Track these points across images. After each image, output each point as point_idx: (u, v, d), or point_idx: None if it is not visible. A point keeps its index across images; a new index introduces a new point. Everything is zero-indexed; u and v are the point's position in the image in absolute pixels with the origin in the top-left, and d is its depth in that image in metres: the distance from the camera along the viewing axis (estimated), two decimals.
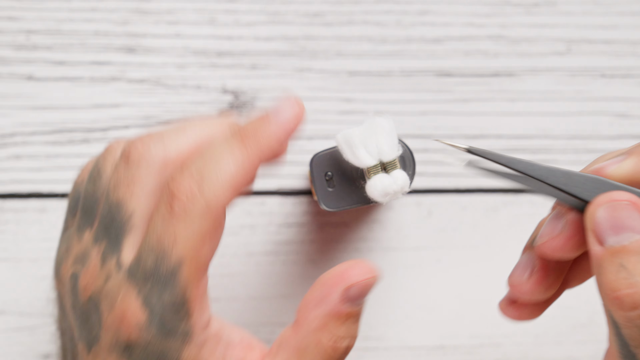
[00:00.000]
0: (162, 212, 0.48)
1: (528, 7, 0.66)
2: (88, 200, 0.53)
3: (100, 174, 0.53)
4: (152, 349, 0.49)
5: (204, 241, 0.48)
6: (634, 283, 0.43)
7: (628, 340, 0.44)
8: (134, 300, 0.49)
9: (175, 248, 0.48)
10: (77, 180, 0.56)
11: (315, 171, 0.52)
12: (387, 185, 0.49)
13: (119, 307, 0.49)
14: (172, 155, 0.50)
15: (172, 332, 0.49)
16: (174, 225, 0.48)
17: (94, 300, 0.50)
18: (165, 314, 0.48)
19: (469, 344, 0.64)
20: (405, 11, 0.66)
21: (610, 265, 0.43)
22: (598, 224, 0.44)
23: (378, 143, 0.49)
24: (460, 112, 0.66)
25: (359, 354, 0.64)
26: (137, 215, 0.50)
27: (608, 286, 0.43)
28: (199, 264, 0.48)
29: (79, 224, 0.53)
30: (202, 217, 0.47)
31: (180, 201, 0.48)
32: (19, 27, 0.65)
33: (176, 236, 0.48)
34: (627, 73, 0.66)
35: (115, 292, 0.49)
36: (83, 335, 0.51)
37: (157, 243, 0.48)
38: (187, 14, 0.66)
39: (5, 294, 0.64)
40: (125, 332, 0.49)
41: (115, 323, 0.49)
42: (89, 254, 0.52)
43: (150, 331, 0.49)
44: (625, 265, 0.43)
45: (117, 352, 0.50)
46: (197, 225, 0.48)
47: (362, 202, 0.52)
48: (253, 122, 0.49)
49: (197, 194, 0.48)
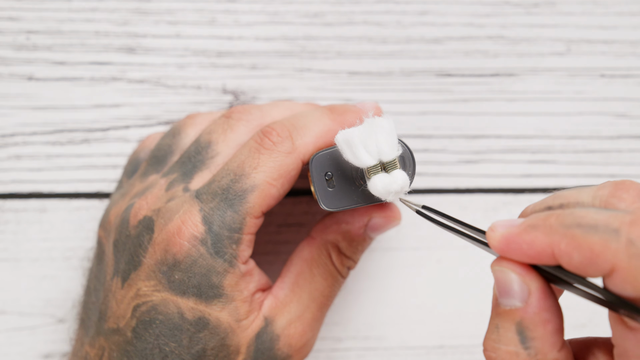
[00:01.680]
0: (250, 145, 0.54)
1: (528, 7, 0.66)
2: (161, 151, 0.58)
3: (179, 132, 0.59)
4: (197, 267, 0.52)
5: (280, 178, 0.53)
6: (497, 349, 0.44)
7: None
8: (195, 214, 0.52)
9: (254, 172, 0.53)
10: (136, 149, 0.63)
11: (314, 171, 0.52)
12: (387, 185, 0.49)
13: (177, 220, 0.52)
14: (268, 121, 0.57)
15: (221, 253, 0.52)
16: (259, 156, 0.53)
17: (147, 221, 0.53)
18: (222, 233, 0.52)
19: (469, 344, 0.64)
20: (405, 11, 0.66)
21: (491, 322, 0.45)
22: (495, 282, 0.45)
23: (378, 143, 0.49)
24: (460, 112, 0.66)
25: (359, 353, 0.64)
26: (221, 157, 0.55)
27: (484, 340, 0.45)
28: (267, 197, 0.53)
29: (143, 172, 0.58)
30: (286, 155, 0.53)
31: (270, 139, 0.53)
32: (20, 28, 0.65)
33: (259, 163, 0.53)
34: (627, 73, 0.66)
35: (176, 208, 0.53)
36: (120, 268, 0.54)
37: (238, 166, 0.53)
38: (187, 14, 0.66)
39: (5, 294, 0.64)
40: (176, 246, 0.52)
41: (169, 237, 0.52)
42: (153, 185, 0.56)
43: (202, 247, 0.52)
44: (499, 328, 0.44)
45: (159, 273, 0.53)
46: (280, 161, 0.53)
47: (362, 202, 0.52)
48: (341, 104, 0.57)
49: (286, 136, 0.54)
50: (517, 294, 0.44)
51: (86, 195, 0.65)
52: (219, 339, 0.53)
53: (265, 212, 0.54)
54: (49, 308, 0.63)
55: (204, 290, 0.52)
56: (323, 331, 0.64)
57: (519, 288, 0.44)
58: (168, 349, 0.52)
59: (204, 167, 0.55)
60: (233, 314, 0.53)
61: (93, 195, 0.65)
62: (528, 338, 0.44)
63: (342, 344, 0.64)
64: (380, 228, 0.56)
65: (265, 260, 0.64)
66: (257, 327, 0.54)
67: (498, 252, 0.45)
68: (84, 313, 0.57)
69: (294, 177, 0.54)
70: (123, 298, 0.54)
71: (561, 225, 0.43)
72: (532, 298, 0.44)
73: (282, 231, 0.65)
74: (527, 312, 0.44)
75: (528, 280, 0.44)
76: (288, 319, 0.54)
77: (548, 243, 0.43)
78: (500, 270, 0.45)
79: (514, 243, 0.44)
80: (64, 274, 0.64)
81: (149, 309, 0.53)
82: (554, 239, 0.43)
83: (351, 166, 0.52)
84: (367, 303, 0.64)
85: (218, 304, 0.53)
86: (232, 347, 0.53)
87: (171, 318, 0.52)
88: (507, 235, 0.44)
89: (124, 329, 0.53)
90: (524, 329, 0.44)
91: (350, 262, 0.56)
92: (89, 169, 0.65)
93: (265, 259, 0.64)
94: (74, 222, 0.64)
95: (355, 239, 0.55)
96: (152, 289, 0.53)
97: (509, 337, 0.44)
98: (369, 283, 0.65)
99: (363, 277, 0.64)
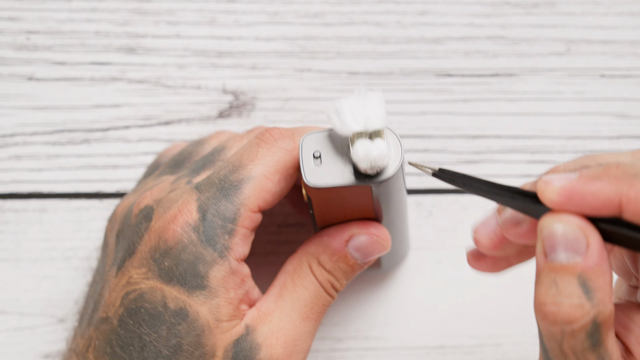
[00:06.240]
0: (251, 141, 0.54)
1: (528, 7, 0.66)
2: (181, 156, 0.59)
3: (203, 142, 0.60)
4: (186, 254, 0.52)
5: (278, 173, 0.53)
6: (560, 302, 0.44)
7: (548, 348, 0.46)
8: (192, 203, 0.52)
9: (252, 164, 0.53)
10: (160, 152, 0.63)
11: (304, 149, 0.51)
12: (368, 150, 0.49)
13: (174, 209, 0.52)
14: None
15: (212, 242, 0.52)
16: (258, 149, 0.53)
17: (147, 210, 0.54)
18: (215, 221, 0.52)
19: (469, 344, 0.64)
20: (405, 11, 0.66)
21: (545, 278, 0.45)
22: (548, 237, 0.45)
23: (366, 112, 0.50)
24: (460, 112, 0.66)
25: (359, 353, 0.64)
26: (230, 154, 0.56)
27: (538, 298, 0.45)
28: (263, 190, 0.53)
29: (159, 173, 0.59)
30: (286, 152, 0.53)
31: (271, 134, 0.54)
32: (20, 28, 0.65)
33: (257, 156, 0.53)
34: (627, 73, 0.66)
35: (176, 198, 0.53)
36: (118, 257, 0.54)
37: (237, 159, 0.53)
38: (187, 14, 0.66)
39: (5, 294, 0.64)
40: (169, 232, 0.52)
41: (164, 224, 0.52)
42: (163, 181, 0.56)
43: (194, 234, 0.52)
44: (557, 283, 0.44)
45: (150, 261, 0.53)
46: (278, 156, 0.53)
47: (347, 182, 0.51)
48: None
49: (289, 135, 0.54)
50: (578, 246, 0.44)
51: (86, 195, 0.65)
52: (194, 335, 0.51)
53: (263, 208, 0.53)
54: (49, 308, 0.63)
55: (189, 279, 0.52)
56: (323, 331, 0.64)
57: (579, 241, 0.44)
58: (148, 339, 0.52)
59: (212, 165, 0.56)
60: (213, 311, 0.52)
61: (93, 195, 0.65)
62: (591, 289, 0.44)
63: (342, 344, 0.64)
64: (363, 249, 0.55)
65: (265, 260, 0.64)
66: (237, 334, 0.52)
67: (556, 205, 0.45)
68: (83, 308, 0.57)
69: (292, 176, 0.54)
70: (115, 286, 0.53)
71: (626, 174, 0.44)
72: (591, 250, 0.44)
73: (282, 231, 0.65)
74: (588, 264, 0.44)
75: (588, 232, 0.44)
76: (270, 328, 0.53)
77: (615, 192, 0.44)
78: (559, 224, 0.44)
79: (576, 194, 0.44)
80: (64, 274, 0.64)
81: (137, 297, 0.52)
82: (621, 188, 0.44)
83: (341, 148, 0.52)
84: (367, 303, 0.64)
85: (200, 297, 0.52)
86: (207, 347, 0.52)
87: (156, 306, 0.52)
88: (568, 187, 0.45)
89: (112, 318, 0.53)
90: (586, 280, 0.44)
91: (331, 278, 0.54)
92: (89, 169, 0.65)
93: (266, 259, 0.64)
94: (74, 222, 0.64)
95: (335, 254, 0.54)
96: (143, 277, 0.52)
97: (571, 290, 0.44)
98: (369, 283, 0.65)
99: (363, 277, 0.64)
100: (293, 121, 0.65)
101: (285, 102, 0.65)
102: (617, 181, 0.44)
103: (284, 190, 0.54)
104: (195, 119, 0.65)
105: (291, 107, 0.66)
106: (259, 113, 0.65)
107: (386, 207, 0.54)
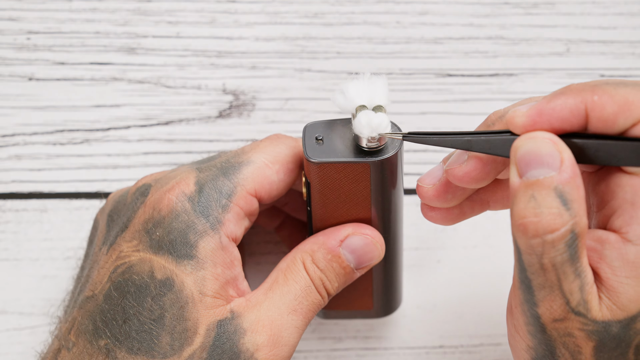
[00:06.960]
0: (257, 141, 0.56)
1: (527, 7, 0.66)
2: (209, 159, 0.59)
3: None
4: (178, 222, 0.53)
5: (277, 163, 0.55)
6: (540, 213, 0.45)
7: (526, 266, 0.47)
8: (190, 177, 0.54)
9: (253, 151, 0.55)
10: None
11: (307, 133, 0.53)
12: (370, 119, 0.52)
13: (172, 183, 0.53)
14: None
15: (205, 213, 0.53)
16: (261, 141, 0.56)
17: (144, 187, 0.55)
18: (211, 194, 0.53)
19: (469, 344, 0.64)
20: (405, 11, 0.66)
21: (523, 195, 0.46)
22: (522, 156, 0.46)
23: (369, 90, 0.53)
24: (460, 112, 0.66)
25: (359, 353, 0.64)
26: None
27: (517, 214, 0.46)
28: (261, 176, 0.54)
29: None
30: (288, 147, 0.55)
31: (277, 135, 0.56)
32: (20, 28, 0.65)
33: (260, 145, 0.55)
34: (627, 73, 0.66)
35: (174, 176, 0.54)
36: (111, 234, 0.54)
37: (240, 148, 0.55)
38: (187, 14, 0.66)
39: (5, 294, 0.64)
40: (164, 201, 0.53)
41: (160, 196, 0.53)
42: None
43: (188, 203, 0.53)
44: (535, 196, 0.45)
45: (142, 232, 0.53)
46: (280, 149, 0.55)
47: (347, 157, 0.52)
48: None
49: (292, 137, 0.56)
50: (552, 161, 0.46)
51: (86, 195, 0.65)
52: (178, 307, 0.51)
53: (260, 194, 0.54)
54: (49, 308, 0.63)
55: (178, 247, 0.52)
56: (323, 331, 0.64)
57: (553, 156, 0.46)
58: (132, 311, 0.51)
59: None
60: (198, 283, 0.52)
61: (93, 195, 0.65)
62: (568, 200, 0.45)
63: (342, 344, 0.64)
64: (356, 250, 0.55)
65: (265, 260, 0.64)
66: (221, 314, 0.52)
67: (527, 127, 0.47)
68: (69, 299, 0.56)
69: (292, 172, 0.55)
70: (105, 263, 0.53)
71: (587, 85, 0.47)
72: (565, 164, 0.46)
73: None
74: (563, 177, 0.45)
75: (560, 148, 0.46)
76: (257, 316, 0.52)
77: (580, 101, 0.46)
78: (532, 141, 0.46)
79: (544, 112, 0.47)
80: (64, 274, 0.64)
81: (125, 270, 0.52)
82: (584, 96, 0.46)
83: (342, 130, 0.54)
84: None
85: (187, 266, 0.52)
86: (189, 322, 0.51)
87: (143, 277, 0.52)
88: (535, 107, 0.47)
89: (98, 295, 0.52)
90: (563, 192, 0.45)
91: (323, 277, 0.54)
92: (89, 169, 0.65)
93: (266, 259, 0.64)
94: (74, 222, 0.64)
95: (330, 252, 0.54)
96: (133, 249, 0.52)
97: (549, 202, 0.45)
98: None
99: None
100: (293, 121, 0.65)
101: (285, 102, 0.66)
102: (579, 91, 0.47)
103: (282, 184, 0.55)
104: (195, 119, 0.65)
105: (291, 107, 0.66)
106: (259, 113, 0.65)
107: (383, 198, 0.54)
